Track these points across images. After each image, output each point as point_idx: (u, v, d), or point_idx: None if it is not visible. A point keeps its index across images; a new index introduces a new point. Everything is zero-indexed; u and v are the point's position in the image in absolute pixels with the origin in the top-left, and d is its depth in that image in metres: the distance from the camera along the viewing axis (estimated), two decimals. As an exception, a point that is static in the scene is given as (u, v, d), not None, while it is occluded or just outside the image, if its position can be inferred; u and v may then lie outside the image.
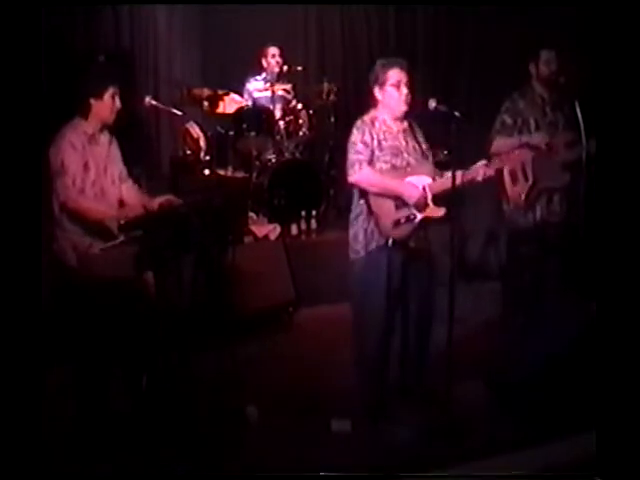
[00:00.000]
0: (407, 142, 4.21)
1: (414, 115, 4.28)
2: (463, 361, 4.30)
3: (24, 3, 2.77)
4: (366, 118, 4.19)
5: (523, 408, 4.10)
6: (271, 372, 4.89)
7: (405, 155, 4.17)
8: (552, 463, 3.45)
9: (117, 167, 4.21)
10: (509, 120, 4.96)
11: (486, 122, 5.12)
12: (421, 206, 4.09)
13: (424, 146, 4.28)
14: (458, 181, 3.97)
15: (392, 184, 4.09)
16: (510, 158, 4.50)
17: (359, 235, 4.18)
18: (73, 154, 3.97)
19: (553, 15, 6.99)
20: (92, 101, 4.02)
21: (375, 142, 4.12)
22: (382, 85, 4.15)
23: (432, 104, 4.06)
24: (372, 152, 4.11)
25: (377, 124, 4.16)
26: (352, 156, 4.12)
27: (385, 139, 4.14)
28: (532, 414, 4.05)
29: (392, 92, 4.14)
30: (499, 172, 4.49)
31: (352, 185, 4.18)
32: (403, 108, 4.16)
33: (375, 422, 4.21)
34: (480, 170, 4.08)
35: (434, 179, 4.13)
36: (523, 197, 4.92)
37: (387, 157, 4.13)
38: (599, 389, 2.67)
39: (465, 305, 5.27)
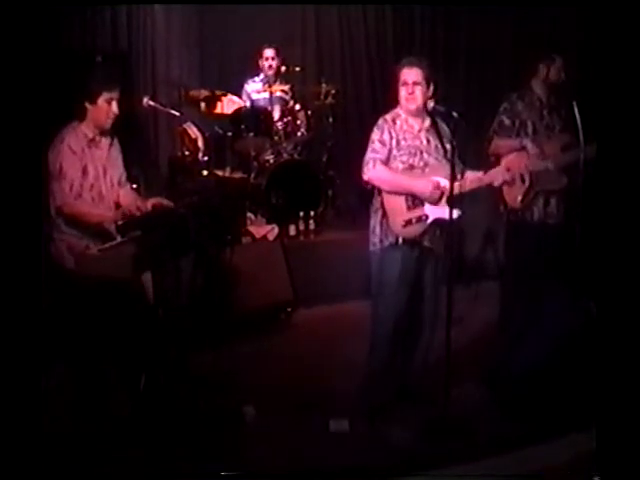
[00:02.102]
0: (429, 141, 4.20)
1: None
2: (462, 361, 4.31)
3: (23, 3, 2.77)
4: (388, 117, 4.21)
5: (522, 407, 4.11)
6: (269, 372, 4.89)
7: (425, 155, 4.17)
8: (551, 462, 3.46)
9: (117, 170, 4.20)
10: (507, 121, 4.97)
11: (484, 122, 5.12)
12: (435, 201, 4.11)
13: (447, 146, 4.21)
14: (476, 184, 4.10)
15: (404, 182, 4.12)
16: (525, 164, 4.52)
17: (376, 229, 4.22)
18: (72, 158, 3.96)
19: (551, 16, 7.00)
20: (87, 105, 4.01)
21: (394, 141, 4.14)
22: (397, 83, 4.16)
23: (430, 104, 4.07)
24: (389, 151, 4.14)
25: (398, 122, 4.18)
26: (368, 154, 4.16)
27: (405, 138, 4.16)
28: (531, 413, 4.05)
29: (401, 91, 4.15)
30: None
31: (366, 183, 4.21)
32: (411, 107, 4.15)
33: (373, 422, 4.22)
34: (499, 176, 4.16)
35: (452, 181, 4.11)
36: (519, 199, 4.92)
37: (404, 157, 4.14)
38: (598, 388, 2.68)
39: (463, 305, 5.29)
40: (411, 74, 4.11)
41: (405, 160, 4.14)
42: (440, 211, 4.10)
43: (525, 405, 4.11)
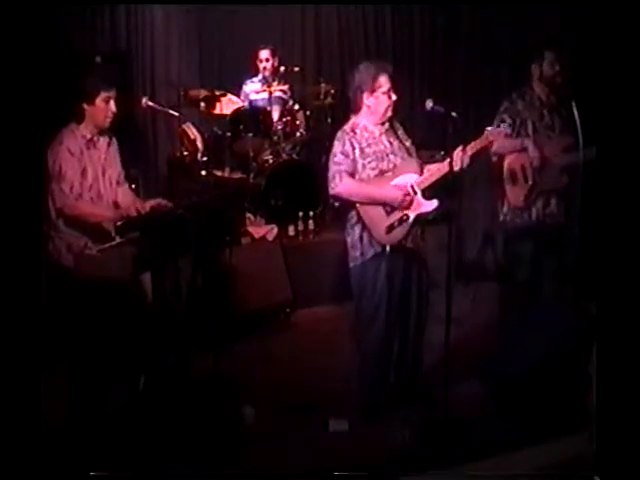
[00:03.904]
0: (391, 143, 4.19)
1: (409, 116, 4.28)
2: (461, 361, 4.31)
3: (22, 4, 2.77)
4: (346, 127, 4.18)
5: (521, 408, 4.11)
6: (268, 372, 4.89)
7: (391, 157, 4.16)
8: (551, 462, 3.46)
9: (115, 169, 4.20)
10: (508, 120, 4.96)
11: (483, 123, 5.11)
12: (407, 206, 4.09)
13: (407, 143, 4.27)
14: (441, 173, 4.01)
15: (374, 191, 4.08)
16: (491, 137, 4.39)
17: (356, 243, 4.17)
18: (71, 161, 3.95)
19: (553, 15, 6.99)
20: (85, 106, 4.00)
21: (357, 151, 4.10)
22: (372, 92, 4.11)
23: (429, 105, 4.05)
24: (354, 161, 4.09)
25: (358, 131, 4.15)
26: (332, 167, 4.11)
27: (368, 145, 4.13)
28: (531, 414, 4.05)
29: (383, 99, 4.11)
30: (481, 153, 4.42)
31: (334, 198, 4.17)
32: (389, 114, 4.15)
33: (372, 422, 4.22)
34: (456, 158, 4.00)
35: (421, 174, 4.12)
36: (522, 198, 4.91)
37: (373, 163, 4.12)
38: (598, 388, 2.68)
39: (463, 305, 5.30)
40: (389, 81, 4.09)
41: (375, 166, 4.12)
42: (419, 206, 4.10)
43: (524, 406, 4.11)
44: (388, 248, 4.10)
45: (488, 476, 3.57)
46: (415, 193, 4.10)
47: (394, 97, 4.13)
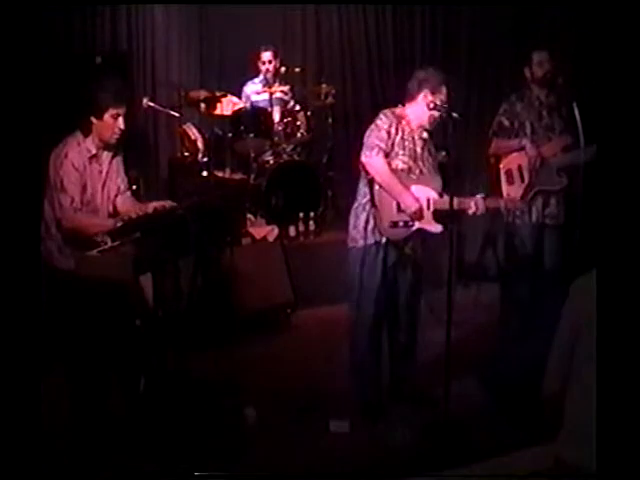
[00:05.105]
0: (423, 151, 4.22)
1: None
2: (461, 362, 4.31)
3: (22, 4, 2.77)
4: (396, 110, 4.19)
5: (521, 408, 4.11)
6: (269, 373, 4.89)
7: (420, 163, 4.19)
8: (551, 463, 3.45)
9: (116, 182, 4.13)
10: (506, 122, 4.97)
11: (484, 123, 5.13)
12: (417, 217, 4.11)
13: (436, 162, 4.30)
14: (455, 206, 3.99)
15: (397, 186, 4.09)
16: (511, 203, 4.56)
17: (359, 225, 4.18)
18: (74, 175, 3.88)
19: (553, 15, 7.00)
20: (93, 120, 3.93)
21: (398, 137, 4.12)
22: (434, 93, 4.09)
23: (430, 105, 4.07)
24: (392, 146, 4.11)
25: (403, 122, 4.16)
26: (373, 139, 4.10)
27: (407, 140, 4.15)
28: (530, 414, 4.05)
29: (433, 111, 4.09)
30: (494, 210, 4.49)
31: (362, 165, 4.15)
32: (436, 118, 4.12)
33: (373, 423, 4.23)
34: (472, 204, 4.09)
35: (440, 195, 4.13)
36: (518, 197, 4.92)
37: (405, 158, 4.14)
38: (598, 389, 2.68)
39: (463, 307, 5.29)
40: (447, 94, 4.11)
41: (406, 161, 4.14)
42: (426, 222, 4.13)
43: (524, 405, 4.11)
44: (384, 240, 4.13)
45: (488, 476, 3.57)
46: (428, 208, 4.13)
47: (446, 106, 4.08)
